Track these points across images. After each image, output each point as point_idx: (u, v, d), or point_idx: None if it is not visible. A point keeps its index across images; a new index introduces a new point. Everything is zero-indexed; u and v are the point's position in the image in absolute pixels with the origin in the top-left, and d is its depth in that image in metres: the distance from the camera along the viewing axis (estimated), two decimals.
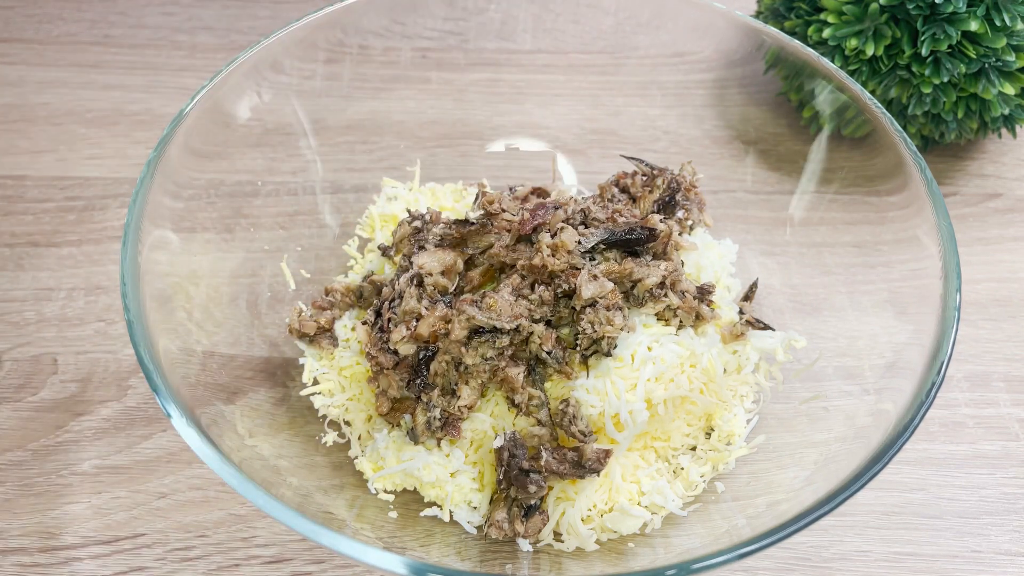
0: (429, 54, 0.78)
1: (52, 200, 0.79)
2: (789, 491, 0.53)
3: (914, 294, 0.56)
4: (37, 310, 0.71)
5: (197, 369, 0.55)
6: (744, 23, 0.69)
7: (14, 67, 0.91)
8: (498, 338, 0.54)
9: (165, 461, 0.63)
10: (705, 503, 0.58)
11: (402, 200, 0.71)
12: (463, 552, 0.55)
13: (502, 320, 0.53)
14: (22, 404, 0.66)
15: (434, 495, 0.57)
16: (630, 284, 0.57)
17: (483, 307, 0.53)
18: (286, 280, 0.68)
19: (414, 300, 0.56)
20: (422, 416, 0.55)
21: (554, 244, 0.55)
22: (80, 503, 0.61)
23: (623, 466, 0.57)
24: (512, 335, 0.54)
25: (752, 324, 0.63)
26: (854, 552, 0.60)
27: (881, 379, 0.56)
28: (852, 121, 0.65)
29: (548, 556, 0.55)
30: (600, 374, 0.55)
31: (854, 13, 0.72)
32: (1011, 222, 0.80)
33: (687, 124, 0.76)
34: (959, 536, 0.61)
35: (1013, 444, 0.66)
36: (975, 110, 0.75)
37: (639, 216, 0.62)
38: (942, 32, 0.70)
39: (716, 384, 0.58)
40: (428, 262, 0.57)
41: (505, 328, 0.53)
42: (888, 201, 0.62)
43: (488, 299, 0.54)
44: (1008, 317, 0.73)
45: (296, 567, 0.59)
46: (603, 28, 0.77)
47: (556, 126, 0.79)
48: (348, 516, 0.55)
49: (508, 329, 0.54)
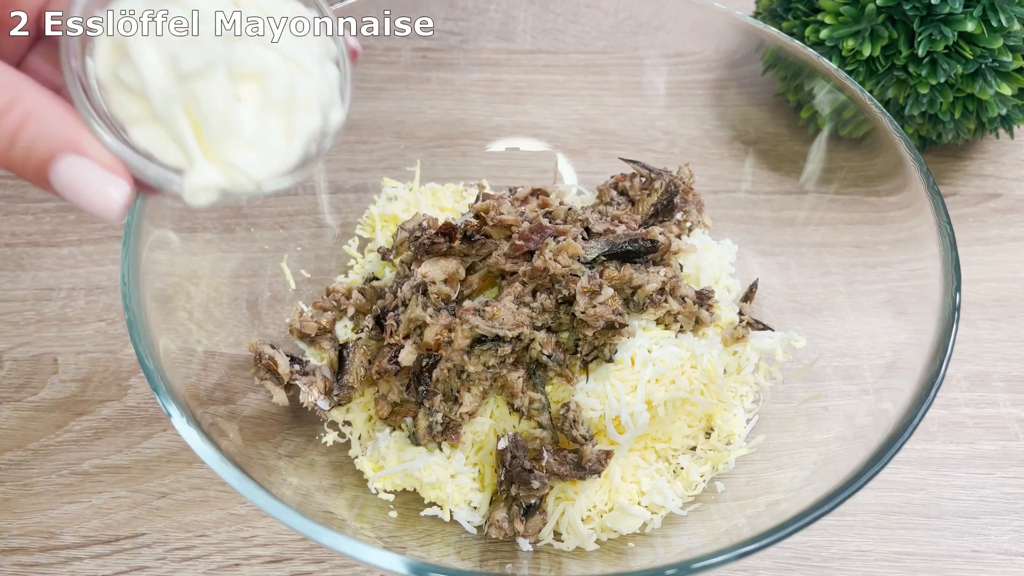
0: (429, 54, 0.79)
1: (52, 200, 0.79)
2: (789, 491, 0.53)
3: (914, 294, 0.57)
4: (37, 310, 0.71)
5: (197, 369, 0.55)
6: (744, 23, 0.69)
7: None
8: (500, 346, 0.54)
9: (165, 461, 0.63)
10: (705, 503, 0.58)
11: (402, 200, 0.71)
12: (463, 552, 0.55)
13: (504, 329, 0.53)
14: (22, 404, 0.66)
15: (434, 496, 0.57)
16: (630, 290, 0.57)
17: (486, 316, 0.54)
18: (286, 280, 0.68)
19: (419, 308, 0.56)
20: (424, 421, 0.56)
21: (558, 249, 0.55)
22: (80, 503, 0.61)
23: (623, 466, 0.57)
24: (514, 343, 0.54)
25: (752, 325, 0.63)
26: (854, 552, 0.60)
27: (881, 379, 0.56)
28: (851, 121, 0.65)
29: (548, 556, 0.56)
30: (600, 377, 0.56)
31: (851, 14, 0.72)
32: (1010, 222, 0.80)
33: (687, 124, 0.76)
34: (959, 536, 0.61)
35: (1013, 444, 0.66)
36: (972, 111, 0.75)
37: (639, 221, 0.62)
38: (939, 33, 0.70)
39: (716, 385, 0.58)
40: (431, 271, 0.57)
41: (507, 337, 0.54)
42: (888, 201, 0.62)
43: (491, 308, 0.54)
44: (1008, 317, 0.73)
45: (296, 567, 0.59)
46: (603, 28, 0.77)
47: (556, 126, 0.79)
48: (348, 516, 0.55)
49: (511, 338, 0.54)
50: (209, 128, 0.35)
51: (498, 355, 0.54)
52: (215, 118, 0.35)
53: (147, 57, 0.34)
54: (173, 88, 0.34)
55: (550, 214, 0.60)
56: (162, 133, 0.35)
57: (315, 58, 0.38)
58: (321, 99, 0.38)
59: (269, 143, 0.36)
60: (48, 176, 0.33)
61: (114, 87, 0.35)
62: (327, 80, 0.38)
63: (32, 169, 0.33)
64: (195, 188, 0.35)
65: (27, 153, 0.32)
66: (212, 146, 0.35)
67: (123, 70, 0.34)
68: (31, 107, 0.32)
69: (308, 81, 0.37)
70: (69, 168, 0.33)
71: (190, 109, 0.34)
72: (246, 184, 0.36)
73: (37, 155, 0.33)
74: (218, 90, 0.34)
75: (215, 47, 0.34)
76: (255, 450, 0.54)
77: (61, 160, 0.33)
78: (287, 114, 0.37)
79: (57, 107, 0.33)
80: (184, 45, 0.34)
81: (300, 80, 0.37)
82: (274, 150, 0.36)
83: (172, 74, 0.34)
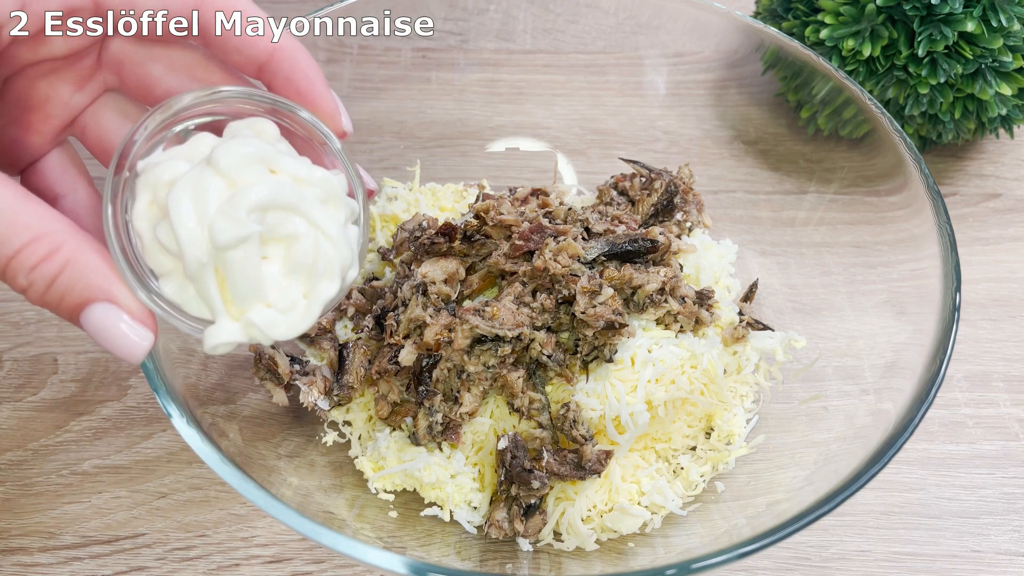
0: (429, 54, 0.79)
1: None
2: (789, 491, 0.53)
3: (914, 294, 0.57)
4: (37, 310, 0.71)
5: (197, 369, 0.55)
6: (744, 23, 0.70)
7: None
8: (500, 346, 0.54)
9: (165, 461, 0.63)
10: (705, 503, 0.58)
11: (402, 200, 0.71)
12: (463, 552, 0.55)
13: (504, 329, 0.53)
14: (22, 404, 0.66)
15: (434, 496, 0.57)
16: (630, 290, 0.57)
17: (486, 316, 0.54)
18: None
19: (419, 308, 0.56)
20: (424, 421, 0.56)
21: (557, 249, 0.55)
22: (80, 503, 0.61)
23: (623, 466, 0.57)
24: (514, 343, 0.54)
25: (752, 325, 0.63)
26: (854, 552, 0.60)
27: (881, 379, 0.56)
28: (851, 121, 0.65)
29: (548, 556, 0.56)
30: (600, 377, 0.55)
31: (851, 14, 0.72)
32: (1010, 222, 0.80)
33: (687, 124, 0.76)
34: (959, 536, 0.61)
35: (1013, 444, 0.66)
36: (972, 111, 0.75)
37: (639, 221, 0.62)
38: (939, 33, 0.70)
39: (716, 385, 0.58)
40: (431, 271, 0.57)
41: (507, 337, 0.54)
42: (888, 201, 0.62)
43: (491, 308, 0.54)
44: (1008, 317, 0.73)
45: (296, 567, 0.59)
46: (603, 28, 0.77)
47: (556, 126, 0.79)
48: (348, 516, 0.55)
49: (510, 338, 0.54)
50: (236, 290, 0.37)
51: (498, 355, 0.54)
52: (242, 283, 0.37)
53: (186, 227, 0.36)
54: (207, 256, 0.36)
55: (550, 214, 0.60)
56: (191, 291, 0.38)
57: (339, 225, 0.40)
58: (342, 264, 0.40)
59: (290, 307, 0.39)
60: (80, 319, 0.36)
61: (150, 240, 0.37)
62: (348, 244, 0.41)
63: (66, 311, 0.36)
64: (216, 343, 0.38)
65: (62, 297, 0.35)
66: (236, 304, 0.38)
67: (161, 231, 0.37)
68: (69, 255, 0.35)
69: (332, 248, 0.40)
70: (101, 315, 0.35)
71: (219, 272, 0.37)
72: (263, 340, 0.39)
73: (72, 300, 0.35)
74: (248, 258, 0.37)
75: (251, 223, 0.37)
76: (255, 450, 0.54)
77: (94, 307, 0.35)
78: (309, 279, 0.39)
79: (93, 255, 0.35)
80: (222, 218, 0.36)
81: (325, 247, 0.39)
82: (294, 313, 0.39)
83: (207, 243, 0.36)
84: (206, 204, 0.36)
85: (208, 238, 0.36)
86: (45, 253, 0.34)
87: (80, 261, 0.35)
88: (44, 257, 0.34)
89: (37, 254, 0.34)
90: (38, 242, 0.34)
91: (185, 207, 0.36)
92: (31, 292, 0.35)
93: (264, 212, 0.37)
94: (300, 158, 0.41)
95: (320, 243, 0.39)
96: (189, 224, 0.36)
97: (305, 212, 0.38)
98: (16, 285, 0.35)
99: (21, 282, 0.35)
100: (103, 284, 0.35)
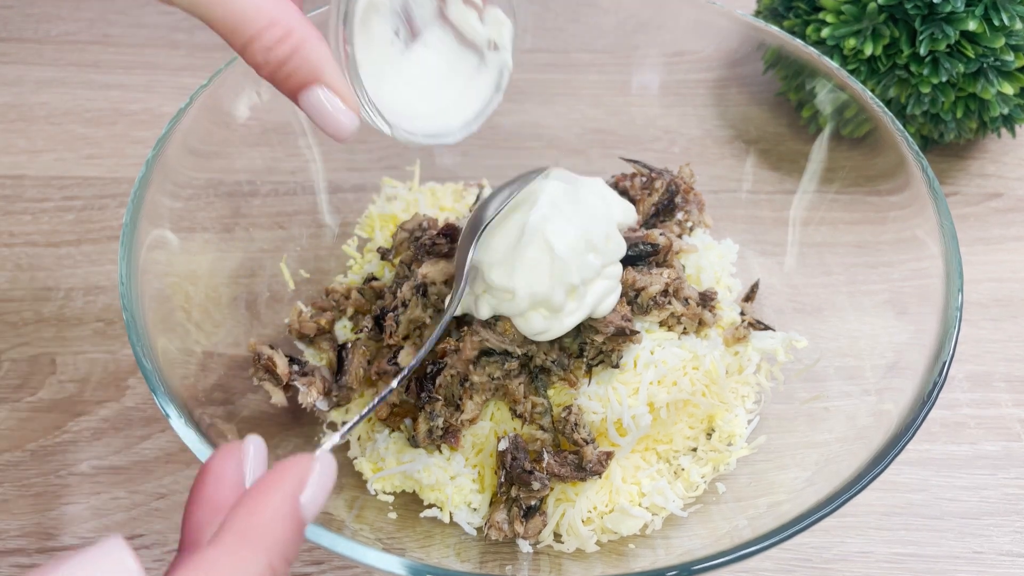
0: None
1: (50, 200, 0.79)
2: (790, 492, 0.52)
3: (915, 294, 0.56)
4: (35, 310, 0.71)
5: (196, 369, 0.55)
6: (745, 22, 0.69)
7: (12, 66, 0.90)
8: (508, 360, 0.54)
9: (164, 462, 0.63)
10: (706, 504, 0.58)
11: (401, 200, 0.71)
12: (463, 553, 0.55)
13: (515, 345, 0.53)
14: (20, 404, 0.66)
15: (433, 497, 0.57)
16: (633, 293, 0.57)
17: (497, 331, 0.54)
18: (285, 280, 0.68)
19: (419, 309, 0.56)
20: (424, 426, 0.55)
21: None
22: (78, 504, 0.61)
23: (624, 467, 0.57)
24: (521, 357, 0.54)
25: (753, 325, 0.63)
26: (855, 553, 0.60)
27: (882, 379, 0.56)
28: (852, 120, 0.65)
29: (548, 557, 0.55)
30: (602, 380, 0.55)
31: (852, 13, 0.72)
32: (1012, 222, 0.80)
33: (687, 124, 0.76)
34: (961, 537, 0.61)
35: (1015, 445, 0.66)
36: (974, 110, 0.74)
37: (640, 221, 0.62)
38: (940, 32, 0.70)
39: (718, 386, 0.57)
40: (431, 271, 0.57)
41: (516, 353, 0.53)
42: (889, 201, 0.62)
43: (501, 322, 0.53)
44: (1009, 317, 0.73)
45: (295, 568, 0.58)
46: (603, 27, 0.77)
47: (556, 126, 0.79)
48: (347, 517, 0.55)
49: (519, 354, 0.54)
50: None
51: (504, 368, 0.54)
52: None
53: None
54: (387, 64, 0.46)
55: None
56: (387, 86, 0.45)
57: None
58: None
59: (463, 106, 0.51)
60: (299, 97, 0.41)
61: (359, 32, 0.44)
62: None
63: (289, 88, 0.41)
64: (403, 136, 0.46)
65: (288, 75, 0.40)
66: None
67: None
68: (299, 41, 0.39)
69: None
70: (318, 96, 0.40)
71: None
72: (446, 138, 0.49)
73: (296, 79, 0.40)
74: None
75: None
76: None
77: (314, 87, 0.40)
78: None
79: (318, 44, 0.40)
80: None
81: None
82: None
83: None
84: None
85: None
86: (279, 36, 0.39)
87: (306, 46, 0.40)
88: (279, 40, 0.39)
89: (273, 37, 0.39)
90: (274, 26, 0.39)
91: None
92: (264, 69, 0.40)
93: None
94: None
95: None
96: None
97: None
98: (253, 61, 0.40)
99: (259, 59, 0.39)
100: (325, 69, 0.40)
